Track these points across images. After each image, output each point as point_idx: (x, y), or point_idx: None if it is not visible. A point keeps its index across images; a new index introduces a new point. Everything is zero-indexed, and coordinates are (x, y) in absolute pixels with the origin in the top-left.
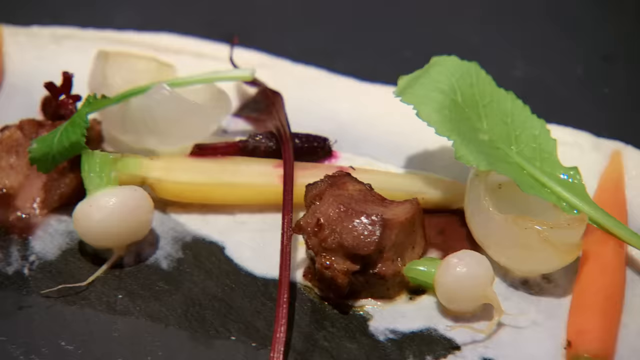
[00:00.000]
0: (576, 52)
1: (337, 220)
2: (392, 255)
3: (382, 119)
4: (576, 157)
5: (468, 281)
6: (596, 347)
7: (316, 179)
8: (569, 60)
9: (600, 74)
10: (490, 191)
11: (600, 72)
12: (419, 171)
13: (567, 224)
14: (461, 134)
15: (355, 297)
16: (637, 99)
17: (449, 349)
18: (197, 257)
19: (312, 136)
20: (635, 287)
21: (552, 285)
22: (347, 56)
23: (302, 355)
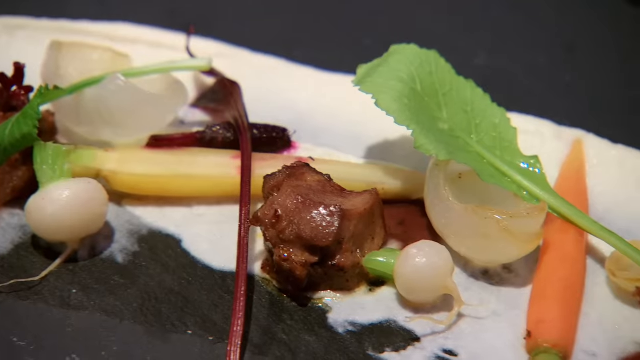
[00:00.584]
0: (538, 41)
1: (295, 212)
2: (351, 246)
3: (342, 109)
4: (537, 145)
5: (428, 272)
6: (555, 337)
7: (275, 170)
8: (531, 49)
9: (562, 63)
10: (450, 181)
11: (562, 60)
12: (379, 161)
13: (527, 213)
14: (420, 123)
15: (314, 289)
16: (598, 87)
17: (408, 341)
18: (154, 251)
19: (270, 126)
20: (596, 276)
21: (512, 275)
22: (306, 45)
23: (260, 348)
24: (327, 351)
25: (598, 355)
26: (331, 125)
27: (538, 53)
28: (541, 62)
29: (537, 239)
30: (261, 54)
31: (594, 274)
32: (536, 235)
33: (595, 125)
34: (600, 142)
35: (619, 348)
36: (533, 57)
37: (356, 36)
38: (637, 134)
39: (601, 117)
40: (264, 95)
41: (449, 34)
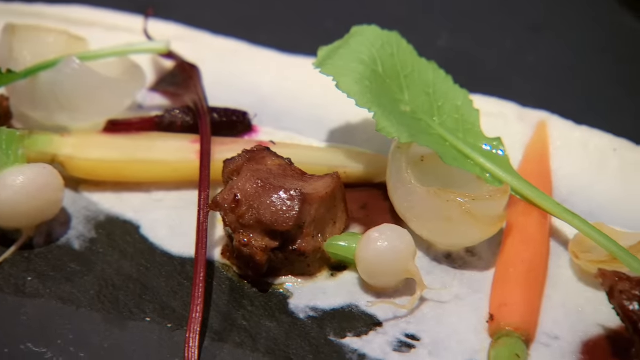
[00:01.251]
0: (503, 22)
1: (255, 196)
2: (312, 230)
3: (304, 92)
4: (501, 127)
5: (389, 255)
6: (518, 320)
7: (235, 154)
8: (495, 30)
9: (527, 44)
10: (413, 164)
11: (527, 42)
12: (341, 145)
13: (490, 195)
14: (382, 106)
15: (275, 274)
16: (563, 69)
17: (370, 326)
18: (111, 237)
19: (230, 110)
20: (560, 259)
21: (475, 259)
22: (268, 28)
23: (220, 335)
24: (288, 337)
25: (561, 338)
26: (293, 108)
27: (502, 34)
28: (505, 43)
29: (499, 221)
30: (221, 37)
31: (558, 256)
32: (499, 218)
33: (560, 106)
34: (564, 123)
35: (581, 330)
36: (497, 38)
37: (318, 18)
38: (601, 114)
39: (565, 99)
40: (225, 78)
41: (410, 15)
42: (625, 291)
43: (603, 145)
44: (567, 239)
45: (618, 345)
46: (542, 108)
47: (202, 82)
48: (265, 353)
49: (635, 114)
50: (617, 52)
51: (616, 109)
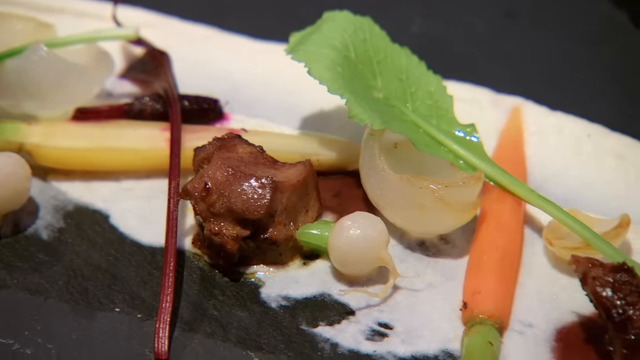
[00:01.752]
0: (477, 6)
1: (226, 184)
2: (284, 219)
3: (277, 79)
4: (475, 113)
5: (362, 243)
6: (491, 308)
7: (205, 142)
8: (469, 16)
9: (501, 30)
10: (386, 151)
11: (502, 27)
12: (313, 132)
13: (463, 182)
14: (354, 92)
15: (247, 263)
16: (538, 54)
17: (343, 314)
18: (80, 227)
19: (201, 98)
20: (534, 246)
21: (449, 246)
22: (238, 13)
23: (190, 325)
24: (260, 326)
25: (535, 326)
26: (265, 95)
27: (476, 19)
28: (479, 28)
29: (473, 208)
30: (192, 23)
31: (532, 243)
32: (472, 205)
33: (534, 91)
34: (538, 109)
35: (555, 318)
36: (471, 23)
37: (290, 3)
38: (575, 99)
39: (540, 84)
40: (195, 65)
41: (383, 0)
42: (598, 277)
43: (577, 131)
44: (541, 226)
45: (592, 332)
46: (517, 94)
47: (172, 69)
48: (237, 343)
49: (609, 100)
50: (591, 38)
51: (591, 94)
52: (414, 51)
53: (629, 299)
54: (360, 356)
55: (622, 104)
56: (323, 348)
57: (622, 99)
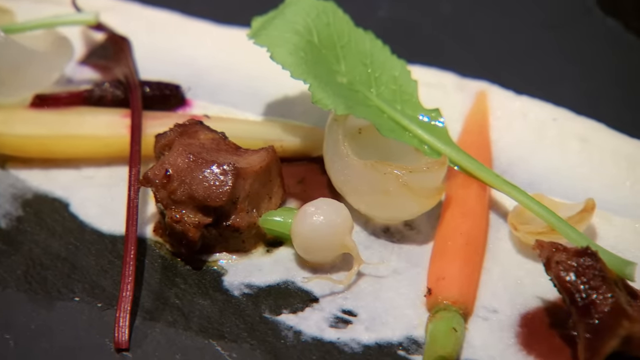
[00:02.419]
0: None
1: (187, 171)
2: (246, 206)
3: (240, 64)
4: (440, 98)
5: (325, 230)
6: (456, 294)
7: (167, 129)
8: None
9: (467, 13)
10: (350, 136)
11: (467, 11)
12: (277, 118)
13: (427, 167)
14: (318, 77)
15: (209, 251)
16: (503, 38)
17: (306, 302)
18: (39, 215)
19: (163, 84)
20: (499, 231)
21: (414, 232)
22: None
23: (152, 314)
24: (222, 314)
25: (499, 311)
26: (228, 81)
27: (442, 3)
28: (445, 12)
29: (438, 194)
30: (153, 8)
31: (497, 228)
32: (437, 190)
33: (500, 75)
34: (504, 93)
35: (520, 303)
36: (437, 7)
37: None
38: (541, 83)
39: (506, 68)
40: (157, 51)
41: None
42: (561, 262)
43: (543, 115)
44: (506, 211)
45: (556, 316)
46: (482, 78)
47: (133, 55)
48: (198, 331)
49: (575, 84)
50: (558, 22)
51: (556, 78)
52: (378, 35)
53: (592, 283)
54: (324, 343)
55: (587, 88)
56: (286, 336)
57: (587, 83)
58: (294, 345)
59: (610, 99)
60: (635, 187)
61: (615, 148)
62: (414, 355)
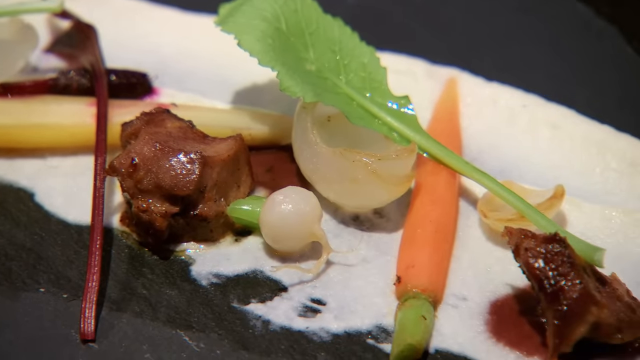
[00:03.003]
0: None
1: (153, 160)
2: (214, 195)
3: (208, 52)
4: (410, 85)
5: (294, 219)
6: (425, 282)
7: (134, 117)
8: None
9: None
10: (319, 124)
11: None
12: (245, 106)
13: (396, 155)
14: (286, 64)
15: (176, 240)
16: (474, 24)
17: (275, 291)
18: (3, 205)
19: (129, 72)
20: (468, 218)
21: (383, 220)
22: None
23: (118, 304)
24: (190, 304)
25: (469, 299)
26: (196, 69)
27: None
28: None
29: (407, 181)
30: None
31: (467, 216)
32: (406, 178)
33: (470, 62)
34: (474, 80)
35: (489, 290)
36: None
37: None
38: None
39: (476, 55)
40: (124, 39)
41: None
42: (530, 249)
43: (513, 102)
44: (476, 198)
45: (525, 303)
46: (452, 64)
47: (99, 43)
48: (166, 322)
49: (545, 70)
50: (528, 8)
51: (526, 64)
52: (347, 22)
53: (560, 269)
54: (293, 333)
55: (558, 74)
56: (255, 325)
57: (557, 69)
58: (263, 335)
59: (581, 85)
60: (605, 173)
61: (586, 134)
62: (383, 343)
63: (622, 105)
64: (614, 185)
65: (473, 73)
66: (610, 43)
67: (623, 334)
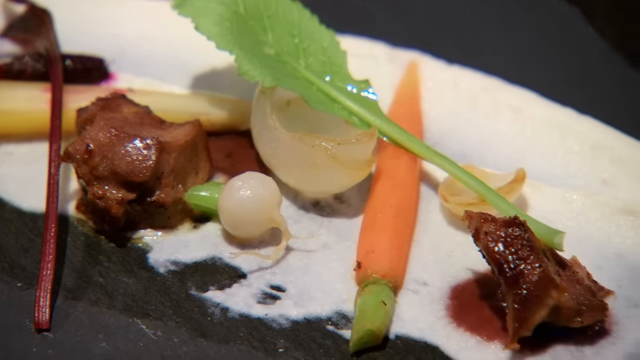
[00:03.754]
0: None
1: (109, 145)
2: (171, 181)
3: (166, 36)
4: (370, 69)
5: (253, 205)
6: (385, 267)
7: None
8: None
9: None
10: (278, 109)
11: None
12: (204, 91)
13: (356, 139)
14: (244, 48)
15: (133, 228)
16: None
17: (234, 278)
18: None
19: (85, 57)
20: (430, 203)
21: (344, 206)
22: None
23: (74, 293)
24: (147, 292)
25: (429, 284)
26: (154, 53)
27: None
28: None
29: (367, 166)
30: None
31: (428, 200)
32: (366, 163)
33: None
34: (435, 63)
35: (450, 275)
36: None
37: None
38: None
39: (437, 38)
40: (80, 23)
41: None
42: (490, 232)
43: (474, 85)
44: (437, 183)
45: (486, 288)
46: (414, 48)
47: (55, 28)
48: (122, 310)
49: (506, 52)
50: None
51: (488, 47)
52: (306, 5)
53: (520, 253)
54: (252, 320)
55: (520, 57)
56: (213, 313)
57: (519, 52)
58: (221, 322)
59: (543, 68)
60: (567, 156)
61: (548, 118)
62: (343, 329)
63: (584, 88)
64: (576, 168)
65: (434, 56)
66: (571, 25)
67: (583, 317)
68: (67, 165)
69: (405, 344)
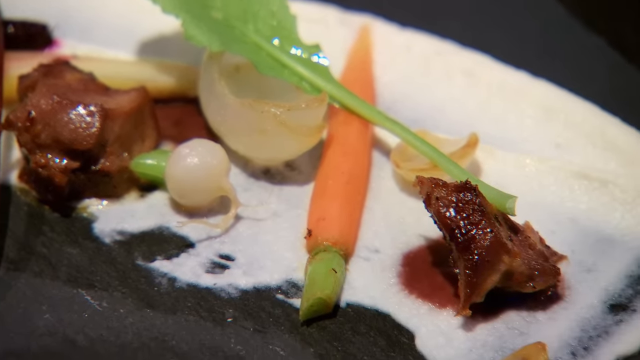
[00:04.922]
0: None
1: (51, 113)
2: (117, 149)
3: (113, 1)
4: (322, 33)
5: (200, 172)
6: (336, 234)
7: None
8: None
9: None
10: (227, 75)
11: None
12: (151, 57)
13: (305, 105)
14: (191, 12)
15: (78, 197)
16: None
17: (181, 247)
18: None
19: (28, 23)
20: (382, 169)
21: (295, 173)
22: None
23: (16, 264)
24: (92, 263)
25: (381, 251)
26: (99, 18)
27: None
28: None
29: (317, 132)
30: None
31: (380, 167)
32: (317, 129)
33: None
34: (388, 27)
35: (402, 242)
36: None
37: None
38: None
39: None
40: None
41: None
42: (441, 198)
43: (427, 50)
44: (389, 149)
45: (438, 254)
46: (366, 11)
47: None
48: (67, 281)
49: (460, 16)
50: None
51: (441, 10)
52: None
53: (471, 218)
54: (200, 290)
55: (474, 20)
56: (160, 283)
57: (473, 15)
58: (168, 292)
59: (497, 31)
60: (520, 120)
61: (501, 82)
62: (292, 298)
63: (538, 51)
64: (529, 132)
65: (387, 19)
66: None
67: (535, 282)
68: (9, 133)
69: (357, 312)
